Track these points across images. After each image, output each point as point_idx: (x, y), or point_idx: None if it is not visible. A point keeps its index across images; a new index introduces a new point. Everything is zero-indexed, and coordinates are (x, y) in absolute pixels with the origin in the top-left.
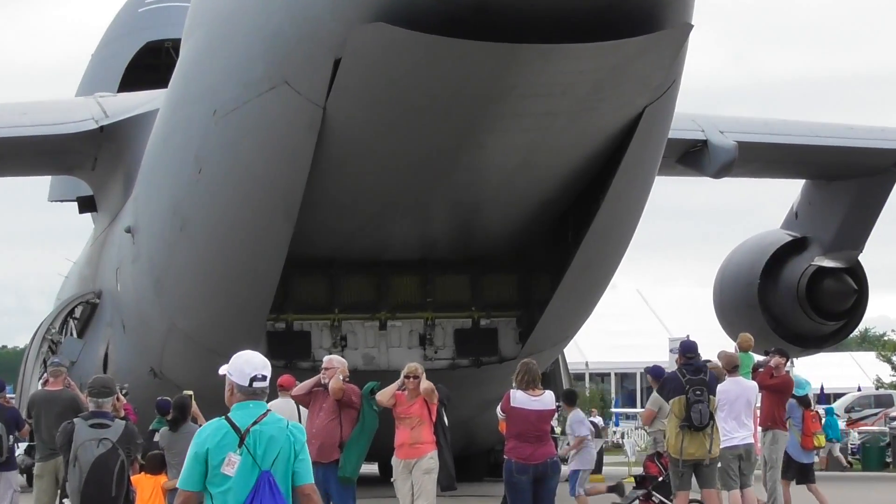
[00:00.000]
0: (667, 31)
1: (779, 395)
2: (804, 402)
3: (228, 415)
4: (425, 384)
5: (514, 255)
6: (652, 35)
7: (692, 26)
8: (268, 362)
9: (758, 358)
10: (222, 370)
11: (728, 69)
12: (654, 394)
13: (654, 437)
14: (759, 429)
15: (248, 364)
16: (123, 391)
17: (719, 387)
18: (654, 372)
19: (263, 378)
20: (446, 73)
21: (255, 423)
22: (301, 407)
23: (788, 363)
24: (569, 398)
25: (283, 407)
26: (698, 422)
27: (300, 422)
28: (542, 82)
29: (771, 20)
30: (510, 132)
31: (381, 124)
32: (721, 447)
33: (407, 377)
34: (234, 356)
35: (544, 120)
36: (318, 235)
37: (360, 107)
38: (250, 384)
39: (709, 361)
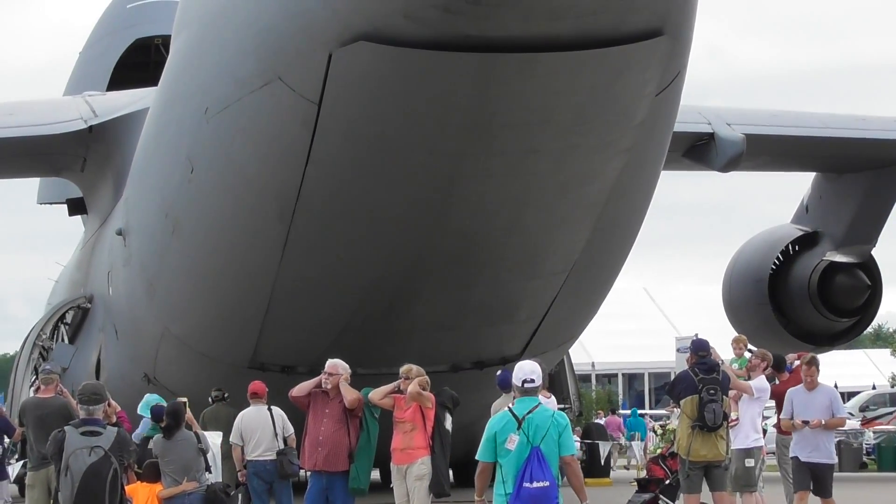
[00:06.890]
0: (644, 42)
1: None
2: None
3: (511, 407)
4: (411, 388)
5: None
6: (633, 45)
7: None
8: (537, 368)
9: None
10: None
11: (703, 63)
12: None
13: None
14: (775, 433)
15: (520, 370)
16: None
17: (756, 383)
18: (501, 380)
19: (532, 381)
20: (426, 93)
21: (529, 412)
22: (275, 414)
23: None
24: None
25: (255, 415)
26: (712, 422)
27: (274, 430)
28: (521, 106)
29: (745, 13)
30: (494, 178)
31: (365, 163)
32: (751, 447)
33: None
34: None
35: (527, 161)
36: (295, 344)
37: (348, 131)
38: (522, 385)
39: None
